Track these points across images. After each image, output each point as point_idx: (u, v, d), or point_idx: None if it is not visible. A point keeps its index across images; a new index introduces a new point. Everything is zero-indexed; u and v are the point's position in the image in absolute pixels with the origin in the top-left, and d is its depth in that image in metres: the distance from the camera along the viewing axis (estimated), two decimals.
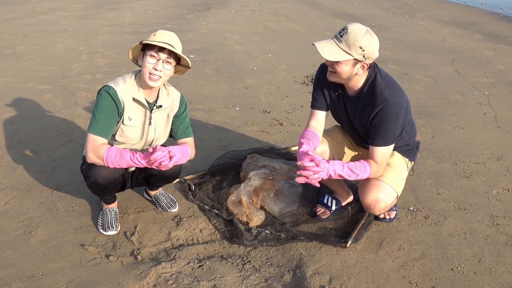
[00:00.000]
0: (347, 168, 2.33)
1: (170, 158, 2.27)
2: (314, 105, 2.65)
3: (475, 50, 7.09)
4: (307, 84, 5.38)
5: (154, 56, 2.35)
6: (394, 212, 2.84)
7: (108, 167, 2.37)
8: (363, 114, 2.42)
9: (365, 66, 2.31)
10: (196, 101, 4.78)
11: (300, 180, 2.23)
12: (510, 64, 6.37)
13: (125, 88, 2.43)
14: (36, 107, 4.58)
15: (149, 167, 2.32)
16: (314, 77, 2.75)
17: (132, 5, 10.93)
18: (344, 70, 2.30)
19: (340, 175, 2.32)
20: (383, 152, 2.39)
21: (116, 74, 5.67)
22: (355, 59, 2.26)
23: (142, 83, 2.46)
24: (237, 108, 4.62)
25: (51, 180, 3.24)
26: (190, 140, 2.71)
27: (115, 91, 2.39)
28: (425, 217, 2.86)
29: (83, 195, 3.04)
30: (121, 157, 2.32)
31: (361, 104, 2.43)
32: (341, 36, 2.27)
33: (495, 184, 3.26)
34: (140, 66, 2.43)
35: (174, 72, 2.53)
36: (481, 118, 4.45)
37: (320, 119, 2.64)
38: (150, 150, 2.26)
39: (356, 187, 3.18)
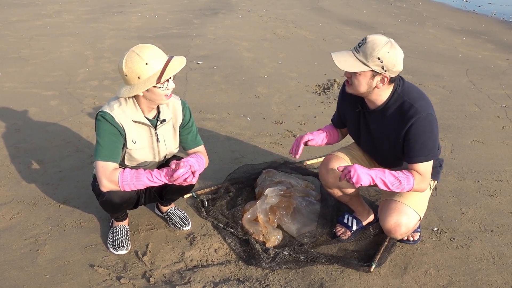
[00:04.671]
0: (390, 174, 2.20)
1: (193, 173, 2.15)
2: (333, 120, 2.75)
3: (488, 60, 6.96)
4: (319, 93, 5.25)
5: (162, 83, 2.19)
6: (418, 234, 2.70)
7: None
8: (392, 130, 2.28)
9: (386, 79, 2.15)
10: (206, 110, 4.66)
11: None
12: None
13: (122, 112, 2.26)
14: (42, 114, 4.47)
15: (169, 183, 2.19)
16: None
17: (138, 9, 10.83)
18: (362, 82, 2.17)
19: (383, 181, 2.18)
20: (424, 167, 2.25)
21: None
22: (372, 71, 2.12)
23: (145, 104, 2.29)
24: (248, 118, 4.50)
25: (58, 193, 3.11)
26: (201, 148, 2.59)
27: (112, 116, 2.23)
28: (450, 239, 2.73)
29: (91, 210, 2.91)
30: (138, 179, 2.18)
31: (387, 119, 2.29)
32: (359, 47, 2.14)
33: None
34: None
35: None
36: (500, 132, 4.31)
37: (341, 132, 2.78)
38: (173, 166, 2.13)
39: (376, 206, 3.05)
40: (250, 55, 6.94)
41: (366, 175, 2.14)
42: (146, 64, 2.13)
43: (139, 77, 2.15)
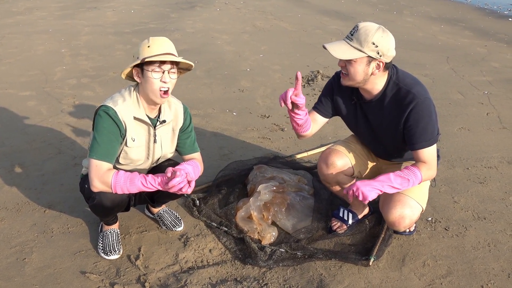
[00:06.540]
0: (396, 177, 2.16)
1: (189, 182, 2.07)
2: (316, 107, 2.51)
3: (467, 47, 7.03)
4: (304, 85, 5.21)
5: (157, 71, 2.12)
6: (414, 225, 2.69)
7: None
8: (391, 119, 2.25)
9: (381, 64, 2.13)
10: (190, 106, 4.56)
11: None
12: (504, 61, 6.32)
13: (125, 107, 2.19)
14: (20, 115, 4.30)
15: (163, 190, 2.11)
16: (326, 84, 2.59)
17: (113, 4, 10.58)
18: (358, 70, 2.14)
19: (392, 187, 2.15)
20: (428, 153, 2.22)
21: (103, 78, 5.41)
22: (368, 56, 2.10)
23: (144, 100, 2.23)
24: (234, 113, 4.42)
25: (42, 197, 2.99)
26: (198, 155, 2.52)
27: (115, 112, 2.16)
28: (445, 229, 2.72)
29: (78, 214, 2.81)
30: (132, 183, 2.10)
31: (386, 108, 2.26)
32: (351, 35, 2.13)
33: (511, 189, 3.14)
34: (138, 82, 2.21)
35: None
36: (485, 119, 4.35)
37: (318, 121, 2.50)
38: (169, 174, 2.05)
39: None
40: (231, 48, 6.84)
41: (372, 191, 2.13)
42: (148, 46, 2.12)
43: (137, 57, 2.13)
